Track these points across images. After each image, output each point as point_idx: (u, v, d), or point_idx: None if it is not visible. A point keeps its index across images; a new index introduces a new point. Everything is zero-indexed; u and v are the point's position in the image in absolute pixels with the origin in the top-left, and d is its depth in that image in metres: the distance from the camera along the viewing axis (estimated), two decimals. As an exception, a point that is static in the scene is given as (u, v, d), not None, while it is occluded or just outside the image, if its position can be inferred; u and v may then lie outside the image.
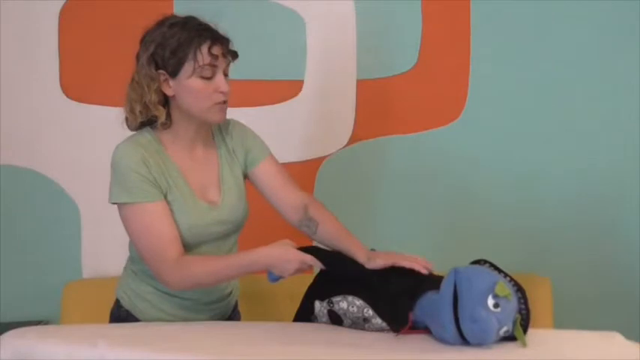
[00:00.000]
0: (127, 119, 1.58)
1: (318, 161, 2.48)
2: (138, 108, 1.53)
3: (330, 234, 1.64)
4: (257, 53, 2.41)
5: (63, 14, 2.39)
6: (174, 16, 1.55)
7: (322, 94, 2.47)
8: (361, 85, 2.47)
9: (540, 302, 2.29)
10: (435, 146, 2.49)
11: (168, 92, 1.52)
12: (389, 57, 2.48)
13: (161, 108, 1.53)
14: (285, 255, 1.48)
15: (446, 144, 2.49)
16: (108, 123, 2.46)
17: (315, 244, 1.67)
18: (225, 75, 1.54)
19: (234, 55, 1.56)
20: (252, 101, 2.41)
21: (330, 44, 2.46)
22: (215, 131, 1.67)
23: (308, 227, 1.66)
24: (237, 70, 1.59)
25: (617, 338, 1.42)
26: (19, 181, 2.40)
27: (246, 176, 1.71)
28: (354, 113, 2.48)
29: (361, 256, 1.58)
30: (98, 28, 2.40)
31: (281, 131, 2.42)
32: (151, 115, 1.53)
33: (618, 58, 2.50)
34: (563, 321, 2.25)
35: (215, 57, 1.50)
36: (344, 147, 2.48)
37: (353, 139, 2.48)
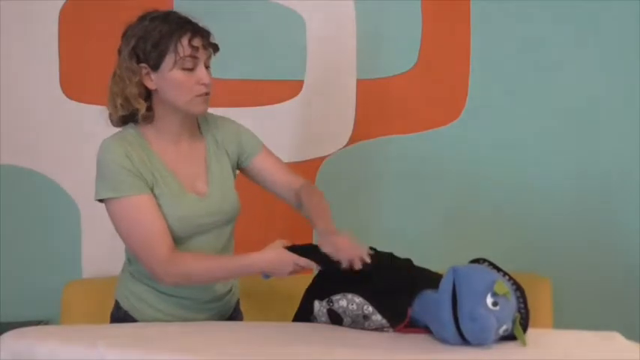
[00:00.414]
0: (110, 115, 1.59)
1: (318, 161, 2.48)
2: (119, 101, 1.53)
3: (309, 214, 1.63)
4: (257, 53, 2.41)
5: (63, 14, 2.39)
6: (155, 11, 1.55)
7: (322, 94, 2.47)
8: (361, 85, 2.47)
9: (540, 302, 2.29)
10: (435, 146, 2.49)
11: (151, 86, 1.53)
12: (389, 57, 2.48)
13: (142, 101, 1.53)
14: (279, 260, 1.49)
15: (446, 144, 2.49)
16: (108, 123, 2.47)
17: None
18: (207, 67, 1.55)
19: (215, 47, 1.56)
20: (253, 101, 2.41)
21: (330, 44, 2.46)
22: (202, 124, 1.67)
23: (301, 211, 1.68)
24: (237, 70, 1.60)
25: (617, 338, 1.42)
26: (19, 181, 2.40)
27: (240, 169, 1.72)
28: (354, 113, 2.48)
29: (319, 228, 1.56)
30: (98, 28, 2.40)
31: (281, 131, 2.42)
32: (132, 108, 1.54)
33: (618, 58, 2.50)
34: (563, 321, 2.25)
35: (196, 49, 1.50)
36: (344, 147, 2.48)
37: (353, 139, 2.48)
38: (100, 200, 1.52)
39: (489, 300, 1.32)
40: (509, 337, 1.36)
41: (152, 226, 1.49)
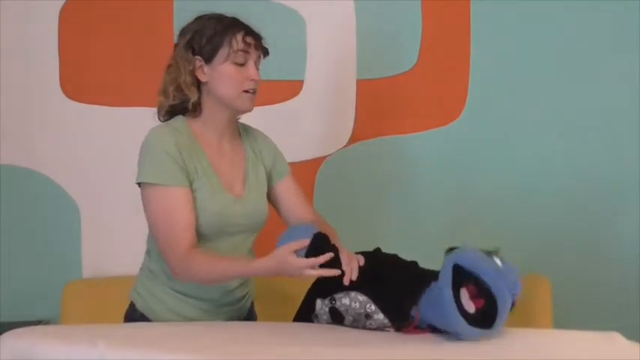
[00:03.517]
0: (158, 108, 1.62)
1: (318, 161, 2.48)
2: (171, 89, 1.58)
3: None
4: (257, 53, 2.41)
5: (63, 14, 2.39)
6: (212, 13, 1.61)
7: (322, 94, 2.47)
8: (361, 85, 2.47)
9: (540, 302, 2.29)
10: (435, 146, 2.49)
11: (202, 78, 1.57)
12: (389, 57, 2.48)
13: (194, 89, 1.57)
14: (283, 269, 1.44)
15: (446, 144, 2.49)
16: (108, 123, 2.47)
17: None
18: (256, 68, 1.60)
19: (266, 51, 1.63)
20: (252, 101, 2.41)
21: (330, 44, 2.46)
22: (242, 132, 1.72)
23: None
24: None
25: (617, 338, 1.42)
26: (19, 181, 2.40)
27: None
28: (354, 113, 2.48)
29: None
30: (98, 28, 2.40)
31: (281, 131, 2.41)
32: (183, 97, 1.57)
33: (618, 58, 2.50)
34: (563, 321, 2.25)
35: (248, 45, 1.57)
36: (344, 147, 2.48)
37: (353, 139, 2.48)
38: (138, 184, 1.54)
39: (497, 259, 1.39)
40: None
41: (179, 219, 1.51)
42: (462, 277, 1.39)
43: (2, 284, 2.39)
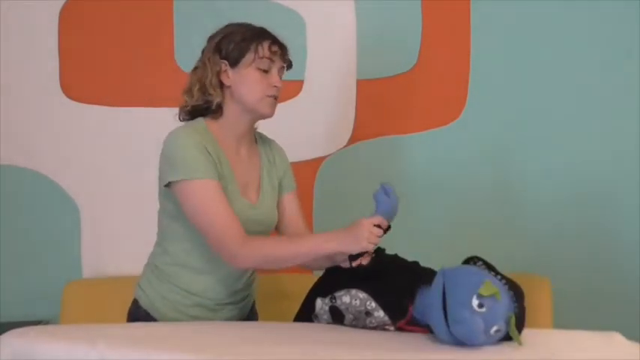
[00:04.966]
0: (181, 107, 1.63)
1: (318, 161, 2.48)
2: (196, 87, 1.60)
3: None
4: (257, 53, 2.41)
5: (63, 14, 2.40)
6: (242, 22, 1.67)
7: (322, 94, 2.47)
8: (361, 85, 2.47)
9: (540, 302, 2.29)
10: (435, 146, 2.49)
11: (226, 82, 1.59)
12: (389, 57, 2.48)
13: (218, 90, 1.59)
14: (357, 227, 1.53)
15: (446, 144, 2.49)
16: (108, 123, 2.47)
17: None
18: (279, 76, 1.63)
19: (289, 64, 1.66)
20: (252, 101, 2.41)
21: (330, 44, 2.47)
22: (257, 139, 1.74)
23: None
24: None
25: (617, 338, 1.43)
26: (19, 180, 2.40)
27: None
28: (354, 113, 2.48)
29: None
30: (98, 28, 2.40)
31: (281, 131, 2.41)
32: (206, 98, 1.59)
33: (619, 58, 2.50)
34: (563, 321, 2.25)
35: (274, 53, 1.61)
36: (344, 147, 2.48)
37: (353, 139, 2.48)
38: (166, 185, 1.54)
39: (475, 302, 1.32)
40: (509, 337, 1.36)
41: (227, 207, 1.52)
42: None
43: (2, 284, 2.39)
